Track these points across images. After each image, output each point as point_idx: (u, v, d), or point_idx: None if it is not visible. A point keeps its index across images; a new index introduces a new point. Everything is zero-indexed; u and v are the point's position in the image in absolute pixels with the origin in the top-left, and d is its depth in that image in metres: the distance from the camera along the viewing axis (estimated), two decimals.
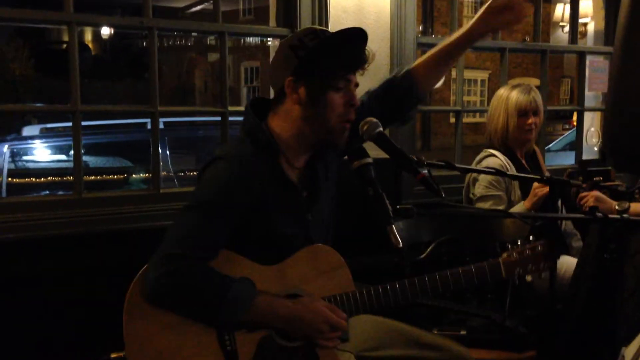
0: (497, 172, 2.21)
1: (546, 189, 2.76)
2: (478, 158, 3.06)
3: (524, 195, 2.87)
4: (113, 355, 1.68)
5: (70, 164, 5.26)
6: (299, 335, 1.72)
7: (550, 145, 8.69)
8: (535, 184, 2.81)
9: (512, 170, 2.93)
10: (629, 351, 1.90)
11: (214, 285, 1.63)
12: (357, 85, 1.82)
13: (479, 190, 2.91)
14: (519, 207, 2.81)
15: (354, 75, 1.80)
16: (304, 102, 1.75)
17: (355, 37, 1.77)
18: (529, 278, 1.95)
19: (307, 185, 1.87)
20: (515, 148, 3.04)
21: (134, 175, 6.08)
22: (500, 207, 2.86)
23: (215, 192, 1.70)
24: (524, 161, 3.07)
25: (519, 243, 1.96)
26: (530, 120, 3.00)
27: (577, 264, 2.59)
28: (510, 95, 3.04)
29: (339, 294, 1.78)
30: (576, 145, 4.21)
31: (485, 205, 2.86)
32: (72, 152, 2.65)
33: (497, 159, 2.96)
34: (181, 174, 5.94)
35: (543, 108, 3.13)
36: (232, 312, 1.63)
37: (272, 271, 1.75)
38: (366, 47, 1.79)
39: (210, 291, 1.62)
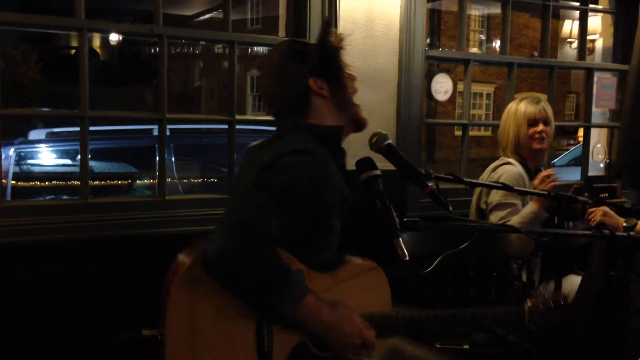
0: (505, 186, 2.20)
1: (554, 184, 2.75)
2: (493, 165, 3.04)
3: None
4: (145, 332, 1.65)
5: (76, 169, 5.29)
6: (332, 345, 1.71)
7: (556, 160, 8.73)
8: (542, 174, 2.80)
9: (527, 180, 2.93)
10: None
11: (279, 268, 1.60)
12: None
13: (496, 197, 2.88)
14: (529, 207, 2.78)
15: None
16: (330, 93, 1.90)
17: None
18: None
19: None
20: (528, 160, 3.03)
21: (138, 181, 6.09)
22: (515, 216, 2.84)
23: (297, 183, 1.68)
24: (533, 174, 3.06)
25: (541, 290, 1.99)
26: (540, 128, 3.00)
27: (582, 280, 2.58)
28: (519, 107, 3.07)
29: (376, 313, 1.79)
30: (582, 161, 4.20)
31: (502, 213, 2.83)
32: (78, 156, 2.65)
33: (513, 166, 2.96)
34: (185, 180, 5.96)
35: (553, 120, 3.12)
36: (285, 300, 1.60)
37: (317, 278, 1.74)
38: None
39: (274, 272, 1.59)
